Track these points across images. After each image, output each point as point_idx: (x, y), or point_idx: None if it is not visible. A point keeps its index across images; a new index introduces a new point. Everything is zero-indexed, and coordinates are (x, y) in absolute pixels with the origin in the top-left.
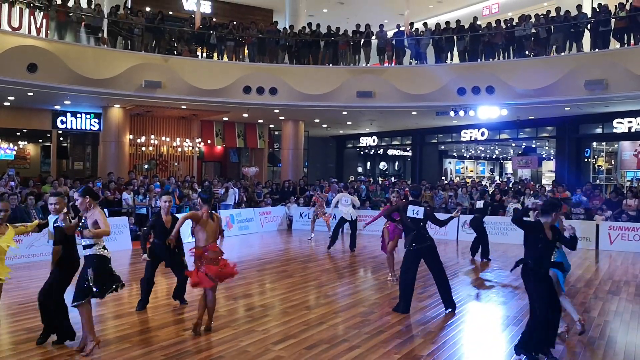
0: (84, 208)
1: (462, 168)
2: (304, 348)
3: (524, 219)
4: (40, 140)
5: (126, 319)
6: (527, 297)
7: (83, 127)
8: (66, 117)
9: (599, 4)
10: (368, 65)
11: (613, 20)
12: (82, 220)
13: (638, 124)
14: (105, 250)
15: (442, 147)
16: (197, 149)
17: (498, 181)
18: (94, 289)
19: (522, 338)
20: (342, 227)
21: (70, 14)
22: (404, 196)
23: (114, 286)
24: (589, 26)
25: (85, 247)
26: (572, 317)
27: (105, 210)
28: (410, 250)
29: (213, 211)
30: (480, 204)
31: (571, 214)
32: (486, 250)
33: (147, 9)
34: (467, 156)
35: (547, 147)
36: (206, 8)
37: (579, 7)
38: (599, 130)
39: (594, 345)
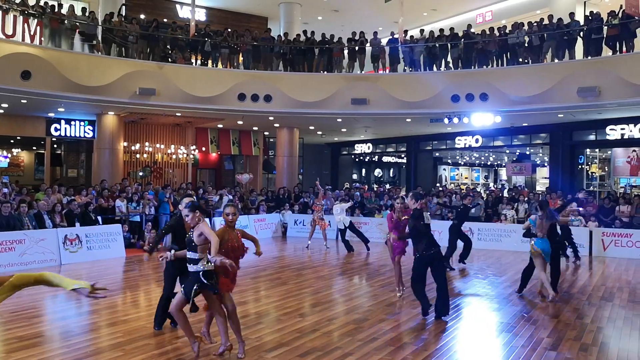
0: (194, 223)
1: (457, 175)
2: (297, 355)
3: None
4: (34, 148)
5: (120, 327)
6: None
7: (77, 135)
8: (60, 124)
9: (592, 12)
10: (362, 72)
11: (605, 27)
12: (189, 235)
13: (631, 131)
14: (210, 264)
15: (437, 154)
16: (191, 156)
17: (492, 187)
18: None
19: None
20: (340, 234)
21: (64, 21)
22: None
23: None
24: (581, 34)
25: (190, 261)
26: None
27: (99, 217)
28: (422, 257)
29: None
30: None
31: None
32: (464, 255)
33: (142, 16)
34: (462, 163)
35: (540, 154)
36: (201, 15)
37: (572, 15)
38: (592, 137)
39: (587, 351)
